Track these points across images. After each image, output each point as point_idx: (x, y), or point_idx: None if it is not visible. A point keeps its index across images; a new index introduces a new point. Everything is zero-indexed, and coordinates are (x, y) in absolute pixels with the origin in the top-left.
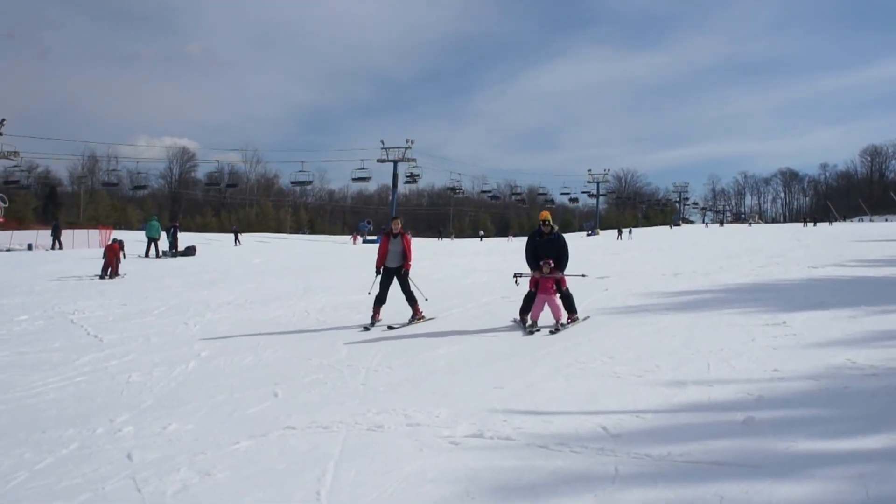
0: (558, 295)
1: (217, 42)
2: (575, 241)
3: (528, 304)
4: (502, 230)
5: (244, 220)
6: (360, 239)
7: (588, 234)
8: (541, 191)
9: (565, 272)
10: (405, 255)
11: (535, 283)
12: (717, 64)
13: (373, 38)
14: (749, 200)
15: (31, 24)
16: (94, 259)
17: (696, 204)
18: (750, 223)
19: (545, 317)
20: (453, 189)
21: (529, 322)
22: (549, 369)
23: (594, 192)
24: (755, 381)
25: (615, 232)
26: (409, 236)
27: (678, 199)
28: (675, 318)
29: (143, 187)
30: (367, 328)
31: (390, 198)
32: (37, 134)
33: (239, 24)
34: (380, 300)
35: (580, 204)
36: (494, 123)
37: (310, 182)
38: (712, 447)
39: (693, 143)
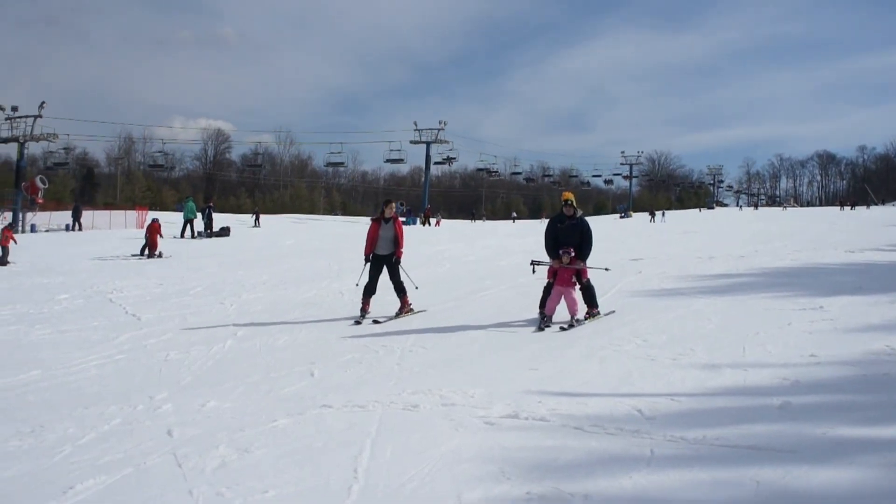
0: (578, 287)
1: (251, 25)
2: (608, 224)
3: (546, 297)
4: (535, 212)
5: (278, 202)
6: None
7: (621, 217)
8: (573, 173)
9: (588, 262)
10: (397, 242)
11: (553, 274)
12: (753, 45)
13: (405, 20)
14: (784, 183)
15: (70, 9)
16: (131, 239)
17: (730, 187)
18: (785, 207)
19: (562, 311)
20: (488, 171)
21: (545, 316)
22: (582, 351)
23: (627, 174)
24: (792, 366)
25: (648, 214)
26: (401, 221)
27: (712, 182)
28: (710, 302)
29: (171, 167)
30: (357, 322)
31: (423, 179)
32: (75, 116)
33: (272, 7)
34: (369, 290)
35: (613, 186)
36: (527, 105)
37: (343, 164)
38: (748, 431)
39: (728, 125)
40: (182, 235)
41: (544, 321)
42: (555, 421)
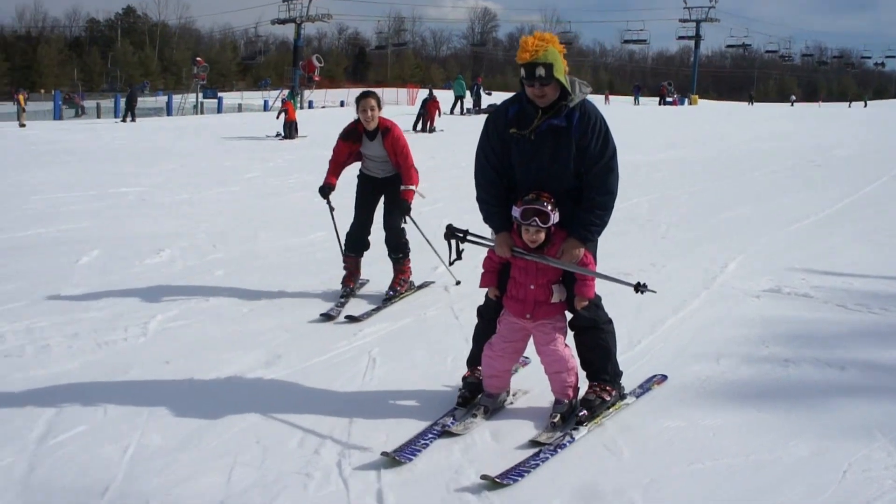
0: (565, 322)
1: None
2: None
3: (483, 339)
4: (810, 95)
5: None
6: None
7: None
8: (852, 53)
9: (600, 261)
10: (407, 172)
11: (493, 275)
12: None
13: None
14: None
15: None
16: (402, 115)
17: None
18: None
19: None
20: (782, 56)
21: (485, 392)
22: (850, 235)
23: None
24: None
25: None
26: (400, 131)
27: None
28: None
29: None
30: (327, 315)
31: (692, 59)
32: None
33: None
34: (356, 242)
35: None
36: None
37: (645, 41)
38: None
39: None
40: (451, 112)
41: (461, 408)
42: (818, 297)
